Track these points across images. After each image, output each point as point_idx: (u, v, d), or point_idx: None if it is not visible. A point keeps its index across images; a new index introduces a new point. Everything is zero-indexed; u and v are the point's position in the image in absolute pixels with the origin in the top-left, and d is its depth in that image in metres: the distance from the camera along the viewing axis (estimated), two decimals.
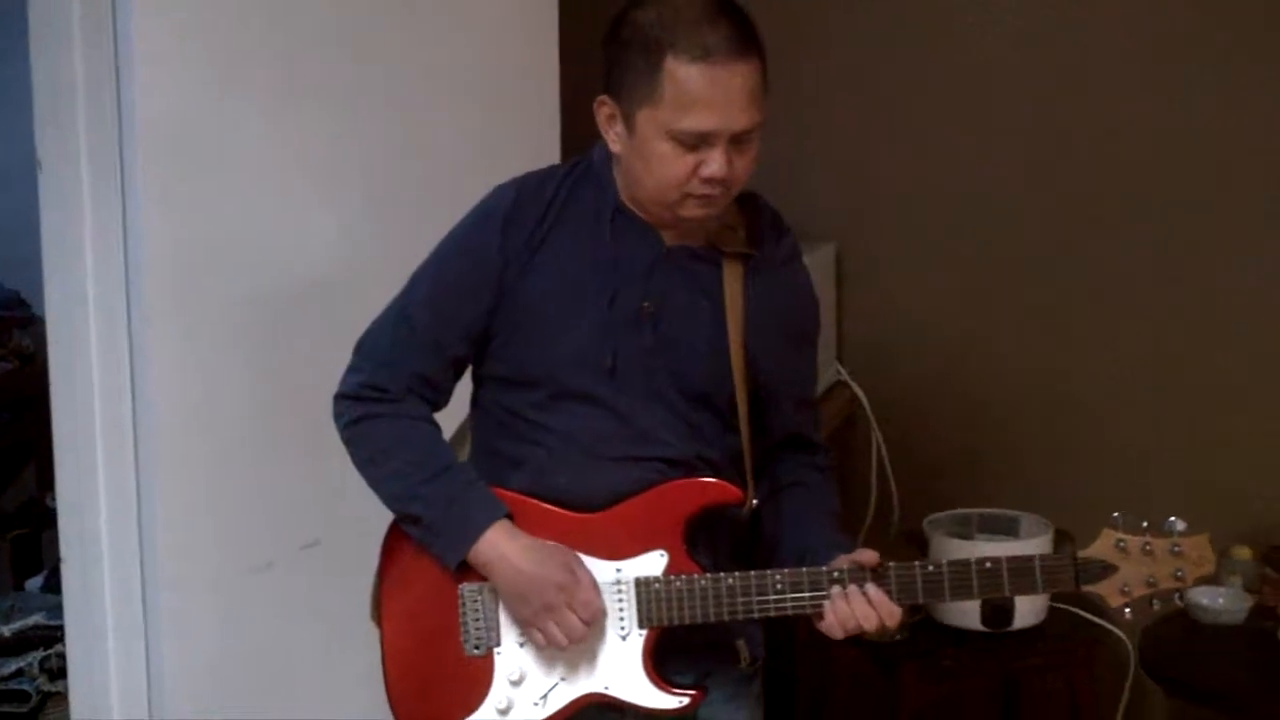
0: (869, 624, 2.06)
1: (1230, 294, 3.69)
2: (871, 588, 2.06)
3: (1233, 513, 3.50)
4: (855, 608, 2.06)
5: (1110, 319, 3.79)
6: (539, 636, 2.10)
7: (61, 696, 3.06)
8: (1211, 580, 3.43)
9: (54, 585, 3.22)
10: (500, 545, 2.10)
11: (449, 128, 2.99)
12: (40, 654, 3.22)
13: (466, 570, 2.13)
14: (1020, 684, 3.69)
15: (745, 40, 2.01)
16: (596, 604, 2.08)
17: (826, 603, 2.07)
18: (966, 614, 3.33)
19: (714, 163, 2.03)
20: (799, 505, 2.24)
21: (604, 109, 2.10)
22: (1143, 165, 3.71)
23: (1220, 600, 3.46)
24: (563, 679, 2.12)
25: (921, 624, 3.40)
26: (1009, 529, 3.45)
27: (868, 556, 2.08)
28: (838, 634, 2.08)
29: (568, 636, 2.07)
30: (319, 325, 2.73)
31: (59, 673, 3.10)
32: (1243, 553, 3.54)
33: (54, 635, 3.17)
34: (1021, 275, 3.84)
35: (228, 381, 2.64)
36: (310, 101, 2.73)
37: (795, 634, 3.46)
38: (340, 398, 2.20)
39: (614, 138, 2.10)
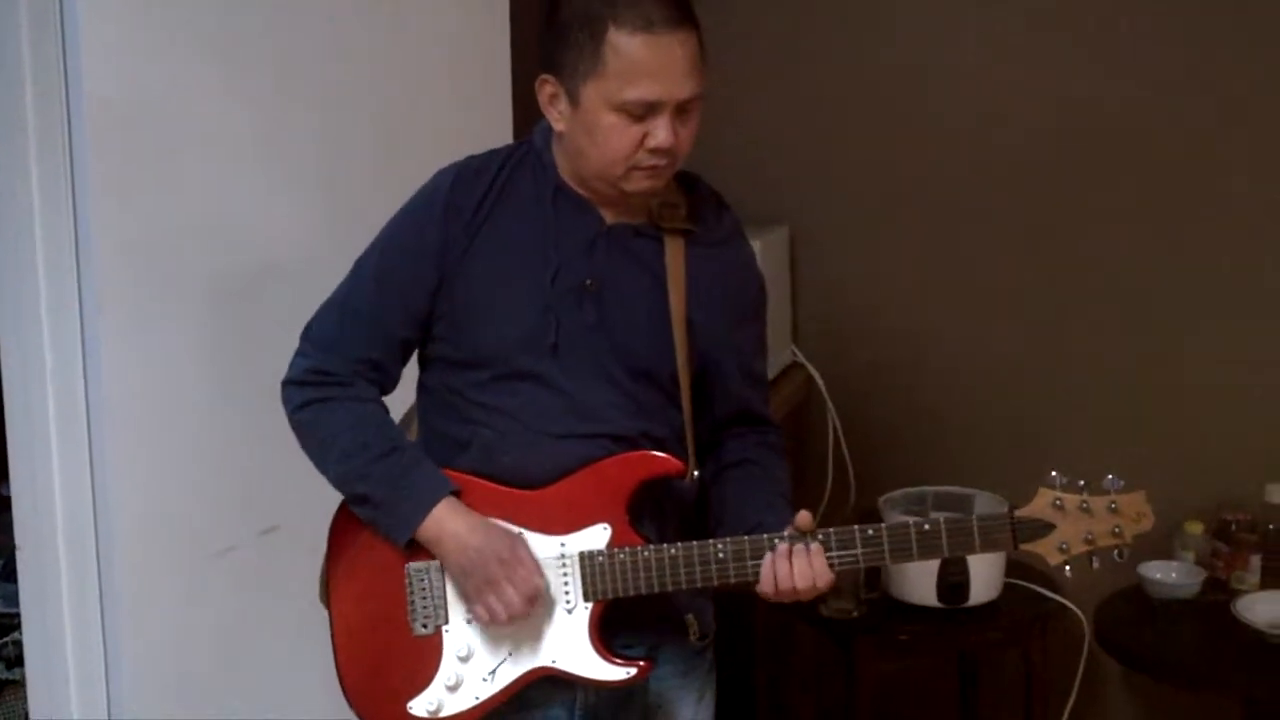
0: (802, 582, 2.08)
1: (1183, 272, 3.72)
2: (815, 546, 2.08)
3: (1184, 488, 3.53)
4: (795, 565, 2.08)
5: (1062, 299, 3.82)
6: (480, 611, 2.11)
7: (18, 684, 3.04)
8: (1163, 554, 3.51)
9: (9, 573, 3.19)
10: (446, 522, 2.11)
11: (403, 110, 3.00)
12: None
13: (415, 549, 2.15)
14: (977, 659, 3.73)
15: (683, 9, 2.05)
16: (535, 582, 2.10)
17: (764, 562, 2.09)
18: (922, 590, 3.35)
19: (660, 132, 2.05)
20: (750, 483, 2.25)
21: (546, 87, 2.11)
22: (1096, 148, 3.74)
23: (1173, 574, 3.50)
24: (510, 654, 2.13)
25: (878, 601, 3.43)
26: (963, 506, 3.48)
27: (802, 518, 2.10)
28: (771, 596, 2.10)
29: (506, 611, 2.09)
30: (274, 308, 2.71)
31: (15, 661, 3.09)
32: (1194, 527, 3.58)
33: (10, 623, 3.15)
34: (975, 256, 3.87)
35: (182, 366, 2.63)
36: (263, 83, 2.72)
37: (753, 612, 3.49)
38: (287, 384, 2.21)
39: (557, 116, 2.12)
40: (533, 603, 2.10)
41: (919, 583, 3.34)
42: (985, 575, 3.35)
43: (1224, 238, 3.69)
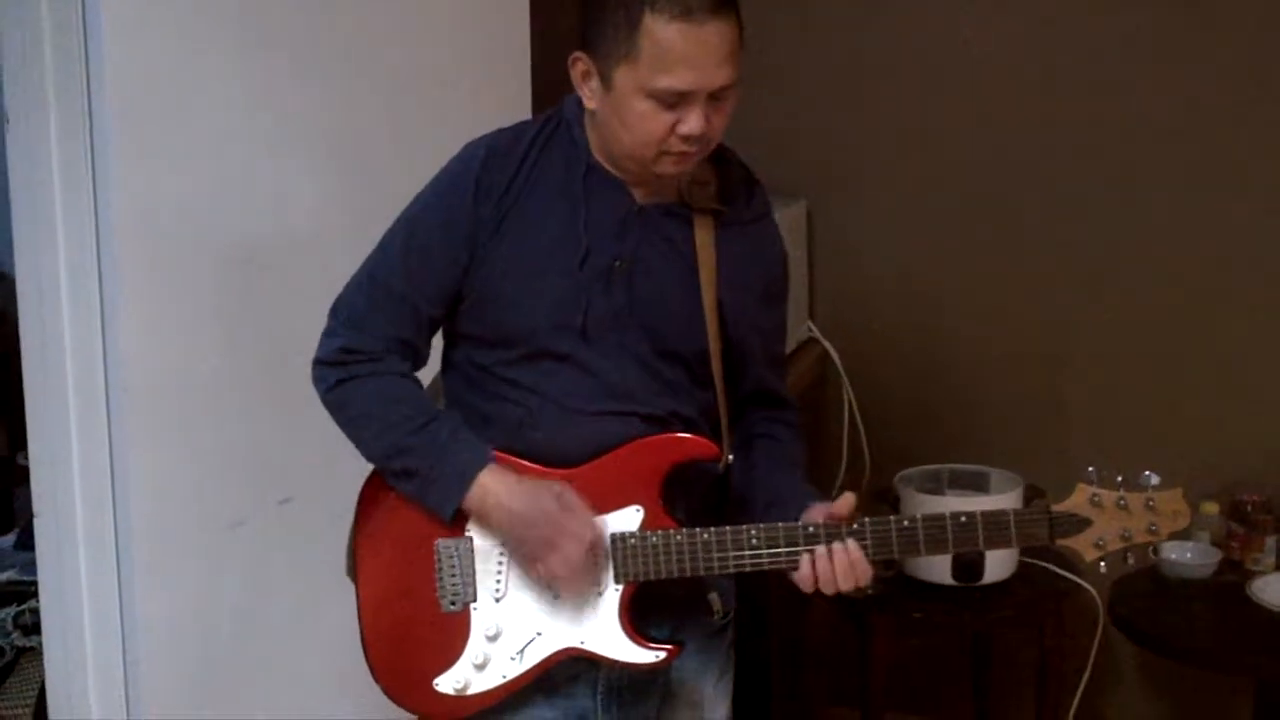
0: (845, 583, 2.08)
1: (1199, 251, 3.72)
2: (851, 544, 2.08)
3: (1200, 468, 3.53)
4: (836, 565, 2.07)
5: (1080, 276, 3.81)
6: (540, 570, 2.09)
7: (36, 652, 3.06)
8: (1180, 535, 3.50)
9: (27, 542, 3.20)
10: (491, 489, 2.09)
11: (421, 83, 2.99)
12: (14, 610, 3.21)
13: (458, 521, 2.13)
14: (991, 637, 3.74)
15: None
16: (594, 527, 2.08)
17: (803, 557, 2.08)
18: (937, 568, 3.36)
19: (692, 120, 2.02)
20: (767, 458, 2.25)
21: (579, 65, 2.09)
22: (1120, 125, 3.73)
23: (1188, 555, 3.51)
24: (539, 634, 2.13)
25: (893, 579, 3.43)
26: (979, 484, 3.48)
27: (843, 505, 2.09)
28: (809, 588, 2.10)
29: (567, 566, 2.07)
30: (290, 281, 2.72)
31: (33, 628, 3.10)
32: (1210, 508, 3.59)
33: (28, 591, 3.16)
34: (992, 232, 3.86)
35: (199, 338, 2.63)
36: (281, 57, 2.71)
37: (768, 590, 3.48)
38: (318, 363, 2.19)
39: (589, 94, 2.09)
40: (596, 549, 2.08)
41: (934, 561, 3.34)
42: (1000, 554, 3.35)
43: (1243, 220, 3.69)
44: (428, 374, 2.28)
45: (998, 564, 3.37)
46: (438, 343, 2.26)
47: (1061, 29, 3.74)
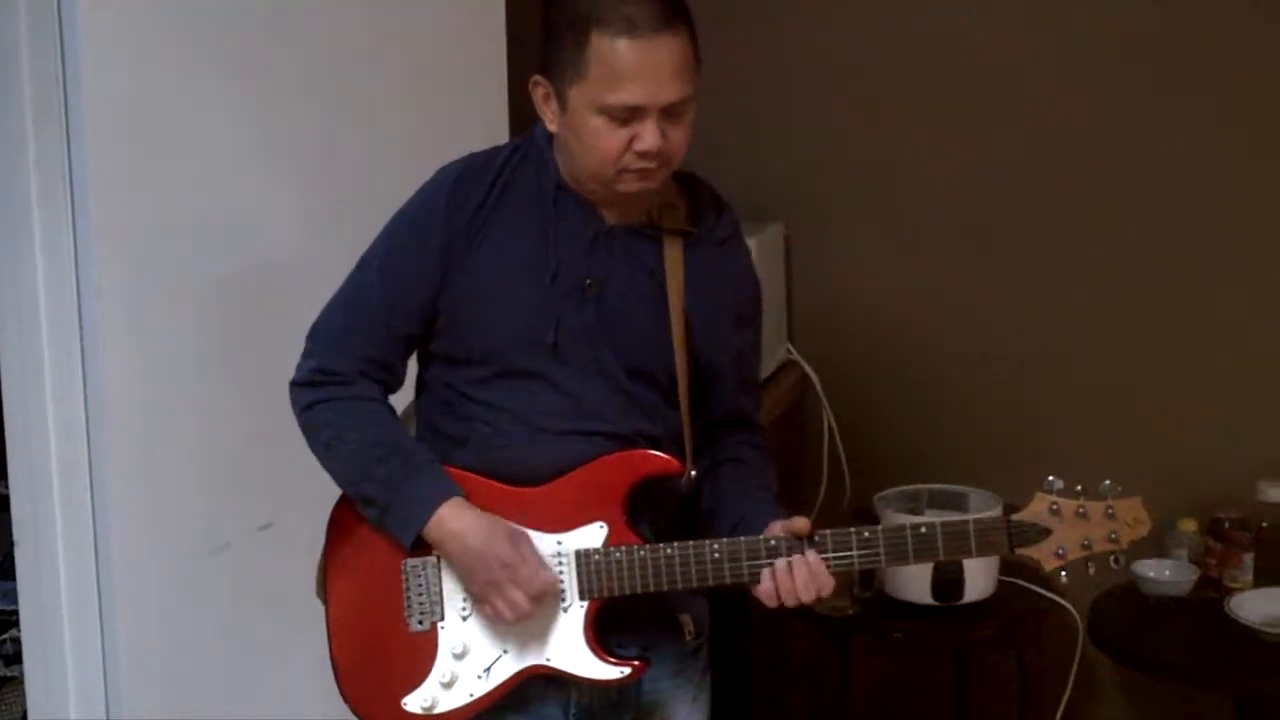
0: (806, 594, 2.09)
1: (1175, 276, 3.74)
2: (811, 555, 2.09)
3: (1177, 487, 3.55)
4: (797, 577, 2.08)
5: (1057, 297, 3.83)
6: (488, 611, 2.12)
7: (17, 681, 3.05)
8: (1157, 552, 3.52)
9: (7, 570, 3.20)
10: (448, 522, 2.11)
11: (401, 109, 3.00)
12: None
13: (417, 547, 2.15)
14: (971, 656, 3.74)
15: (671, 12, 2.03)
16: (540, 581, 2.10)
17: (764, 571, 2.09)
18: (917, 588, 3.36)
19: (647, 136, 2.04)
20: (735, 479, 2.26)
21: (539, 89, 2.12)
22: (1091, 149, 3.75)
23: (1166, 572, 3.51)
24: (505, 651, 2.14)
25: (873, 599, 3.44)
26: (959, 504, 3.49)
27: (799, 524, 2.11)
28: (773, 603, 2.10)
29: (513, 612, 2.10)
30: (270, 305, 2.73)
31: (14, 657, 3.09)
32: (1187, 525, 3.60)
33: (8, 620, 3.16)
34: (971, 253, 3.89)
35: (180, 363, 2.63)
36: (262, 82, 2.73)
37: (748, 610, 3.49)
38: (294, 385, 2.21)
39: (550, 117, 2.12)
40: (540, 600, 2.10)
41: (914, 581, 3.35)
42: (980, 573, 3.36)
43: (1217, 240, 3.71)
44: (403, 399, 2.31)
45: (978, 583, 3.38)
46: (411, 366, 2.28)
47: (1041, 51, 3.77)
